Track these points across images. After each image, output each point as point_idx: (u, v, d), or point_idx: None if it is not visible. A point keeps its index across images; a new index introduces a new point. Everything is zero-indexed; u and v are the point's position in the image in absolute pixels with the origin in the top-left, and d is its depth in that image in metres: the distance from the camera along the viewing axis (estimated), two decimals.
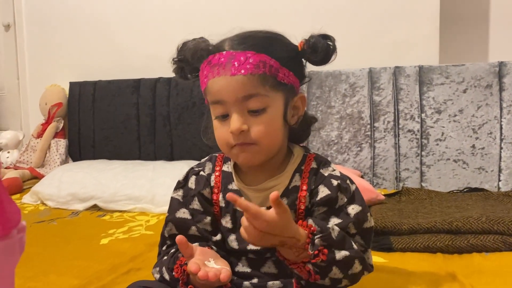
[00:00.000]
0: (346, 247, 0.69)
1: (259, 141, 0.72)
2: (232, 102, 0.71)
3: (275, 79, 0.72)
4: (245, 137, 0.72)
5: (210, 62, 0.73)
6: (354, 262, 0.70)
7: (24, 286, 0.98)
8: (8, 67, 2.58)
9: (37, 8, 2.49)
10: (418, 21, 1.91)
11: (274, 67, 0.72)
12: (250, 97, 0.71)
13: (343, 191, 0.74)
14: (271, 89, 0.72)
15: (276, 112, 0.74)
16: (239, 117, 0.71)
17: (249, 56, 0.71)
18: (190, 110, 2.08)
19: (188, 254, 0.68)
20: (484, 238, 1.14)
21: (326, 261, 0.67)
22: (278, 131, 0.75)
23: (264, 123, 0.72)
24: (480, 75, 1.76)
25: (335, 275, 0.68)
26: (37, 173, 2.17)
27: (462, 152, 1.76)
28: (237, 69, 0.70)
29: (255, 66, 0.70)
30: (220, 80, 0.71)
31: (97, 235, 1.37)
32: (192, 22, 2.14)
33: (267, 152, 0.74)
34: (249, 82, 0.70)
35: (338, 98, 1.90)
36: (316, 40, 0.76)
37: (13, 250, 0.33)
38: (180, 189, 0.83)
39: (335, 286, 0.70)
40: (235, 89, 0.70)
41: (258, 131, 0.72)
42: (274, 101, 0.73)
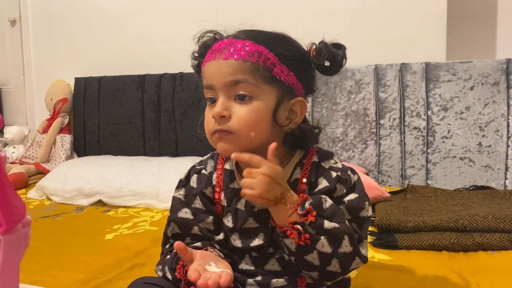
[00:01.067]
0: (337, 220, 0.68)
1: (237, 129, 0.71)
2: (220, 86, 0.71)
3: (269, 72, 0.71)
4: (224, 123, 0.71)
5: (212, 48, 0.74)
6: (344, 238, 0.68)
7: (29, 280, 0.99)
8: (14, 62, 2.59)
9: (43, 4, 2.49)
10: (425, 17, 1.90)
11: (270, 60, 0.71)
12: (238, 82, 0.70)
13: (342, 182, 0.74)
14: (263, 81, 0.71)
15: (264, 106, 0.72)
16: (224, 102, 0.71)
17: (247, 45, 0.71)
18: (195, 106, 2.08)
19: (188, 259, 0.68)
20: (491, 236, 1.13)
21: (314, 226, 0.66)
22: (262, 126, 0.72)
23: (247, 112, 0.71)
24: (487, 72, 1.75)
25: (323, 247, 0.66)
26: (42, 168, 2.18)
27: (468, 150, 1.75)
28: (231, 54, 0.71)
29: (249, 54, 0.71)
30: (213, 64, 0.72)
31: (102, 230, 1.38)
32: (197, 18, 2.12)
33: (244, 143, 0.72)
34: (239, 68, 0.70)
35: (344, 94, 1.89)
36: (322, 46, 0.76)
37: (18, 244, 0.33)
38: (182, 188, 0.82)
39: (325, 268, 0.68)
40: (224, 73, 0.71)
41: (238, 119, 0.71)
42: (264, 94, 0.72)
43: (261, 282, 0.76)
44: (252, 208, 0.77)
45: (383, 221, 1.26)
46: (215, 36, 0.76)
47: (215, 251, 0.74)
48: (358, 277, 1.00)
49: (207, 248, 0.75)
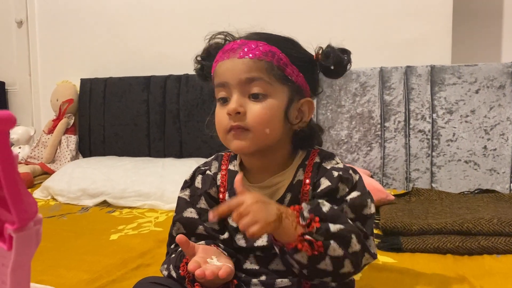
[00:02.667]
0: (340, 221, 0.68)
1: (254, 126, 0.72)
2: (235, 83, 0.72)
3: (282, 71, 0.73)
4: (240, 120, 0.72)
5: (224, 49, 0.76)
6: (351, 237, 0.67)
7: (35, 279, 0.98)
8: (20, 63, 2.61)
9: (50, 5, 2.51)
10: (430, 20, 1.90)
11: (283, 60, 0.73)
12: (253, 80, 0.72)
13: (344, 182, 0.74)
14: (276, 80, 0.73)
15: (277, 103, 0.73)
16: (238, 99, 0.72)
17: (261, 45, 0.73)
18: (200, 108, 2.09)
19: (190, 253, 0.69)
20: (495, 240, 1.13)
21: (321, 232, 0.65)
22: (275, 123, 0.74)
23: (262, 109, 0.72)
24: (493, 75, 1.75)
25: (334, 251, 0.65)
26: (47, 168, 2.19)
27: (473, 153, 1.75)
28: (245, 53, 0.72)
29: (264, 53, 0.72)
30: (227, 62, 0.73)
31: (106, 231, 1.38)
32: (202, 21, 2.14)
33: (260, 141, 0.73)
34: (254, 66, 0.72)
35: (349, 97, 1.89)
36: (330, 50, 0.77)
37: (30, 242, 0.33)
38: (187, 189, 0.83)
39: (338, 271, 0.67)
40: (239, 70, 0.72)
41: (254, 116, 0.72)
42: (277, 92, 0.73)
43: (265, 282, 0.76)
44: None
45: (388, 223, 1.26)
46: (226, 37, 0.78)
47: (218, 249, 0.75)
48: (363, 279, 1.00)
49: (211, 245, 0.75)
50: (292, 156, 0.79)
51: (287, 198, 0.77)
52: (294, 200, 0.76)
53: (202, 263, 0.66)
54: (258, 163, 0.79)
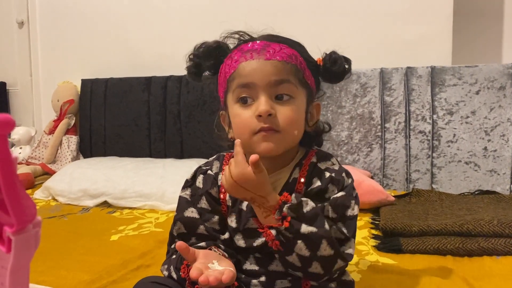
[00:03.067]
0: (316, 224, 0.68)
1: (285, 128, 0.73)
2: (263, 85, 0.72)
3: (303, 75, 0.75)
4: (271, 122, 0.72)
5: (242, 48, 0.76)
6: (322, 242, 0.68)
7: (35, 280, 0.99)
8: (21, 63, 2.61)
9: (51, 6, 2.51)
10: (431, 21, 1.90)
11: (303, 64, 0.75)
12: (282, 82, 0.73)
13: (334, 183, 0.75)
14: (299, 83, 0.75)
15: (301, 106, 0.76)
16: (268, 101, 0.72)
17: (283, 47, 0.74)
18: (201, 108, 2.09)
19: (190, 259, 0.68)
20: (496, 241, 1.13)
21: (290, 231, 0.67)
22: (301, 125, 0.76)
23: (291, 110, 0.73)
24: (493, 76, 1.74)
25: (301, 250, 0.67)
26: (48, 169, 2.19)
27: (474, 154, 1.75)
28: (272, 55, 0.73)
29: (289, 56, 0.74)
30: (253, 63, 0.73)
31: (107, 231, 1.39)
32: (204, 21, 2.14)
33: (289, 142, 0.75)
34: (283, 68, 0.73)
35: (349, 98, 1.89)
36: (337, 56, 0.79)
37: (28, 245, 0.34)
38: (188, 188, 0.83)
39: (307, 269, 0.69)
40: (269, 72, 0.72)
41: (285, 118, 0.73)
42: (300, 95, 0.75)
43: (265, 283, 0.76)
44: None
45: (388, 225, 1.26)
46: (241, 37, 0.78)
47: (219, 251, 0.75)
48: (362, 280, 1.00)
49: (211, 247, 0.75)
50: (292, 156, 0.80)
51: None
52: None
53: (203, 269, 0.65)
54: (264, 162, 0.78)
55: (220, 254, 0.73)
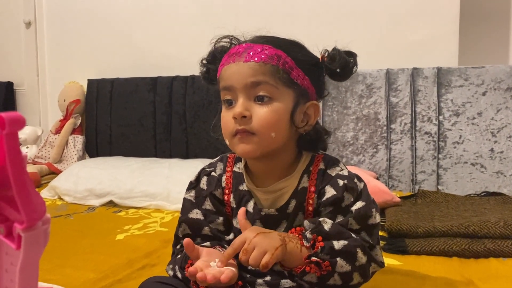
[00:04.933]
0: (343, 237, 0.69)
1: (259, 130, 0.72)
2: (240, 87, 0.73)
3: (288, 75, 0.73)
4: (246, 123, 0.72)
5: (229, 52, 0.76)
6: (357, 251, 0.68)
7: (41, 278, 0.99)
8: (28, 63, 2.63)
9: (58, 6, 2.53)
10: (437, 22, 1.89)
11: (288, 64, 0.73)
12: (259, 84, 0.72)
13: (349, 191, 0.74)
14: (282, 83, 0.73)
15: (283, 107, 0.73)
16: (244, 102, 0.72)
17: (266, 48, 0.73)
18: (206, 109, 2.09)
19: (194, 256, 0.69)
20: (502, 243, 1.12)
21: (326, 251, 0.66)
22: (281, 127, 0.74)
23: (268, 113, 0.72)
24: (500, 77, 1.74)
25: (342, 268, 0.67)
26: (54, 168, 2.21)
27: (480, 156, 1.74)
28: (251, 57, 0.73)
29: (269, 57, 0.73)
30: (233, 66, 0.74)
31: (113, 231, 1.39)
32: (208, 22, 2.15)
33: (265, 145, 0.73)
34: (260, 70, 0.72)
35: (355, 99, 1.89)
36: (336, 53, 0.77)
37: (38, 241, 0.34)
38: (192, 190, 0.83)
39: (348, 284, 0.69)
40: (245, 74, 0.72)
41: (260, 119, 0.72)
42: (283, 96, 0.74)
43: (270, 282, 0.76)
44: (259, 211, 0.78)
45: (393, 226, 1.26)
46: (232, 41, 0.78)
47: (223, 250, 0.75)
48: (368, 281, 1.00)
49: (215, 247, 0.76)
50: (297, 161, 0.80)
51: (292, 204, 0.77)
52: (298, 206, 0.76)
53: (204, 267, 0.66)
54: (262, 166, 0.79)
55: None
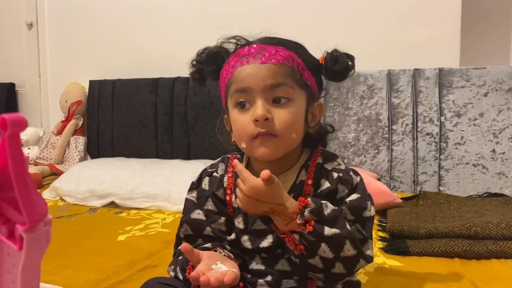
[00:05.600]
0: (338, 226, 0.68)
1: (282, 132, 0.72)
2: (259, 89, 0.72)
3: (301, 76, 0.74)
4: (268, 126, 0.72)
5: (239, 53, 0.75)
6: (345, 243, 0.68)
7: (43, 279, 0.99)
8: (30, 65, 2.63)
9: (59, 8, 2.53)
10: (439, 23, 1.89)
11: (301, 65, 0.74)
12: (278, 85, 0.72)
13: (344, 183, 0.75)
14: (297, 85, 0.74)
15: (300, 108, 0.75)
16: (264, 105, 0.72)
17: (280, 50, 0.74)
18: (208, 110, 2.09)
19: (195, 260, 0.69)
20: (504, 244, 1.12)
21: (313, 234, 0.67)
22: (300, 128, 0.76)
23: (289, 113, 0.73)
24: (501, 78, 1.73)
25: (324, 253, 0.67)
26: (56, 169, 2.21)
27: (482, 157, 1.74)
28: (267, 58, 0.73)
29: (285, 59, 0.73)
30: (249, 67, 0.73)
31: (114, 232, 1.39)
32: (210, 23, 2.15)
33: (287, 146, 0.75)
34: (279, 71, 0.72)
35: (356, 99, 1.89)
36: (339, 54, 0.78)
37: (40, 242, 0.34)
38: (194, 190, 0.84)
39: (329, 271, 0.69)
40: (264, 75, 0.72)
41: (282, 121, 0.72)
42: (299, 97, 0.75)
43: (271, 283, 0.77)
44: None
45: (395, 227, 1.26)
46: (238, 41, 0.78)
47: (224, 252, 0.75)
48: (369, 282, 1.00)
49: (216, 249, 0.75)
50: (296, 157, 0.80)
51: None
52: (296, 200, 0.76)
53: (206, 270, 0.66)
54: (267, 166, 0.78)
55: (225, 255, 0.74)
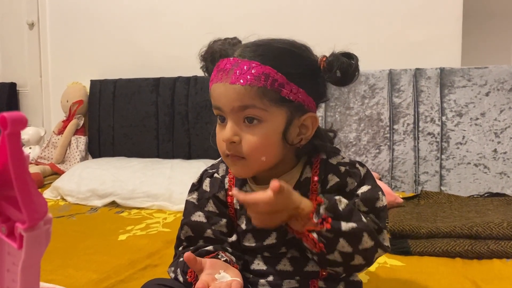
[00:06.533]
0: (354, 219, 0.68)
1: (249, 155, 0.71)
2: (228, 110, 0.71)
3: (277, 94, 0.69)
4: (235, 149, 0.71)
5: (218, 66, 0.73)
6: (363, 235, 0.67)
7: (44, 279, 0.99)
8: (31, 64, 2.63)
9: (61, 7, 2.54)
10: (440, 23, 1.89)
11: (278, 81, 0.69)
12: (246, 108, 0.70)
13: (352, 176, 0.74)
14: (271, 104, 0.69)
15: (273, 128, 0.71)
16: (233, 126, 0.71)
17: (253, 66, 0.69)
18: (209, 109, 2.09)
19: (198, 269, 0.68)
20: (505, 244, 1.12)
21: (332, 231, 0.66)
22: (272, 148, 0.72)
23: (257, 136, 0.70)
24: (503, 78, 1.73)
25: (343, 248, 0.67)
26: (57, 169, 2.21)
27: (483, 157, 1.73)
28: (237, 78, 0.69)
29: (256, 78, 0.68)
30: (220, 87, 0.71)
31: (115, 231, 1.39)
32: (211, 23, 2.15)
33: (256, 167, 0.73)
34: (246, 93, 0.69)
35: (357, 99, 1.89)
36: (333, 59, 0.72)
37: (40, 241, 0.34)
38: (195, 192, 0.83)
39: (349, 263, 0.69)
40: (231, 98, 0.70)
41: (248, 144, 0.70)
42: (273, 116, 0.70)
43: (273, 283, 0.76)
44: None
45: (396, 226, 1.26)
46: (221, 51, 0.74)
47: (226, 255, 0.74)
48: (370, 282, 1.00)
49: (218, 252, 0.75)
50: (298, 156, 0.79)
51: None
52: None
53: (210, 281, 0.65)
54: (263, 173, 0.78)
55: (227, 259, 0.73)
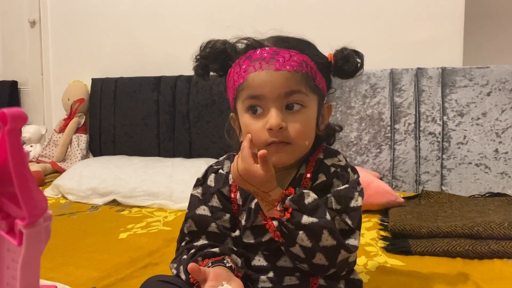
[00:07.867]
0: (317, 215, 0.68)
1: (296, 140, 0.73)
2: (273, 97, 0.72)
3: (313, 81, 0.73)
4: (282, 135, 0.72)
5: (251, 56, 0.73)
6: (323, 232, 0.67)
7: (45, 276, 1.00)
8: (33, 63, 2.64)
9: (62, 6, 2.54)
10: (442, 22, 1.88)
11: (313, 69, 0.74)
12: (293, 93, 0.72)
13: (339, 178, 0.75)
14: (310, 90, 0.73)
15: (312, 113, 0.75)
16: (279, 113, 0.72)
17: (293, 54, 0.72)
18: (210, 108, 2.09)
19: (201, 279, 0.68)
20: (506, 244, 1.12)
21: (292, 222, 0.68)
22: (312, 134, 0.76)
23: (302, 121, 0.73)
24: (505, 77, 1.73)
25: (302, 241, 0.68)
26: (58, 167, 2.21)
27: (484, 156, 1.73)
28: (282, 65, 0.71)
29: (299, 64, 0.72)
30: (262, 74, 0.72)
31: (116, 230, 1.39)
32: (212, 21, 2.15)
33: (300, 152, 0.76)
34: (293, 78, 0.71)
35: (358, 98, 1.89)
36: (349, 53, 0.77)
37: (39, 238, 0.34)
38: (200, 187, 0.84)
39: (311, 261, 0.69)
40: (279, 84, 0.71)
41: (296, 129, 0.72)
42: (311, 102, 0.74)
43: (273, 279, 0.77)
44: None
45: (397, 226, 1.26)
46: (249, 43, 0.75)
47: (231, 261, 0.74)
48: (371, 281, 0.99)
49: (224, 256, 0.75)
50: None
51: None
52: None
53: None
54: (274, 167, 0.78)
55: (231, 265, 0.73)
